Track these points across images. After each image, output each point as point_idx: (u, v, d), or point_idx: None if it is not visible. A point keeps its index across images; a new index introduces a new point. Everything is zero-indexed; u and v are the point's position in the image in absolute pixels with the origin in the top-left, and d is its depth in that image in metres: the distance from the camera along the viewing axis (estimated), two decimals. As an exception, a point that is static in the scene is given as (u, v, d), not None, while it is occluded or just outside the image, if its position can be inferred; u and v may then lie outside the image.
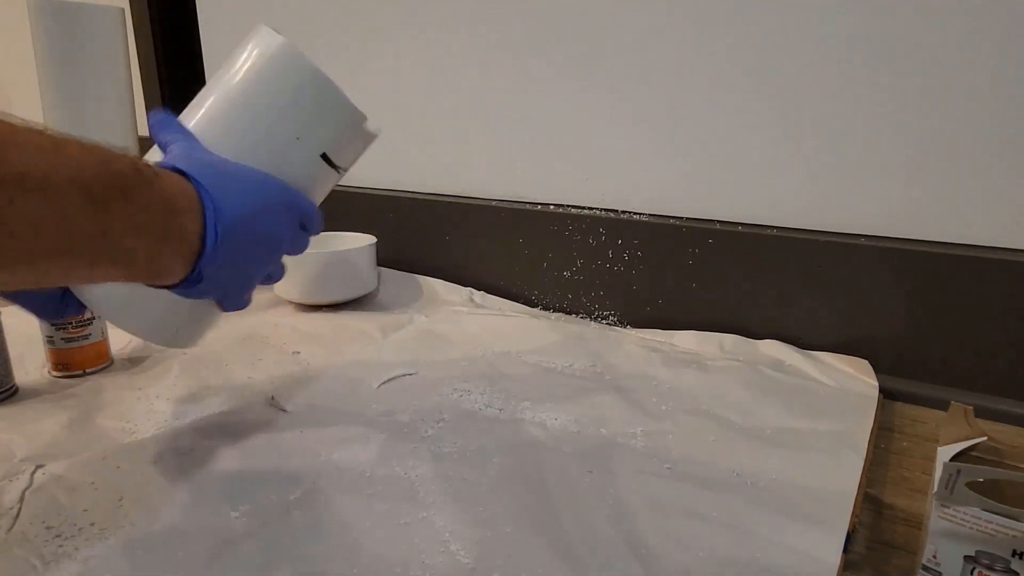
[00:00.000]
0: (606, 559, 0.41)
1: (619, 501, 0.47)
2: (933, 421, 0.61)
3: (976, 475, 0.37)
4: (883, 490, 0.51)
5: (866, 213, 0.68)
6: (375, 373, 0.67)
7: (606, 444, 0.54)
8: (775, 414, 0.59)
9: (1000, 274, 0.62)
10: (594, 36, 0.79)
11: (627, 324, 0.83)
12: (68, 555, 0.41)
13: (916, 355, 0.67)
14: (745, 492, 0.48)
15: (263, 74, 0.49)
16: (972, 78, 0.61)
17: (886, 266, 0.67)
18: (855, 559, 0.44)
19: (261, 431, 0.56)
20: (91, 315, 0.66)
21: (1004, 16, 0.59)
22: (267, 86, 0.49)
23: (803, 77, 0.68)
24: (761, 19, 0.69)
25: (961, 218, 0.64)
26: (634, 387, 0.65)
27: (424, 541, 0.43)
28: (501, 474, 0.50)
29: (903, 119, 0.65)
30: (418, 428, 0.57)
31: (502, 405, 0.61)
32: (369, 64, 0.97)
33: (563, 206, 0.86)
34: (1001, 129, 0.61)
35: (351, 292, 0.87)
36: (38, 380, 0.65)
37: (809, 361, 0.69)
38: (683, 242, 0.77)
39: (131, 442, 0.54)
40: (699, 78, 0.74)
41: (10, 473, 0.50)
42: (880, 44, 0.64)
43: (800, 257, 0.71)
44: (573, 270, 0.85)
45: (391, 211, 0.99)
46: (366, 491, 0.48)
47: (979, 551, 0.35)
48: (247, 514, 0.45)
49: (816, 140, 0.69)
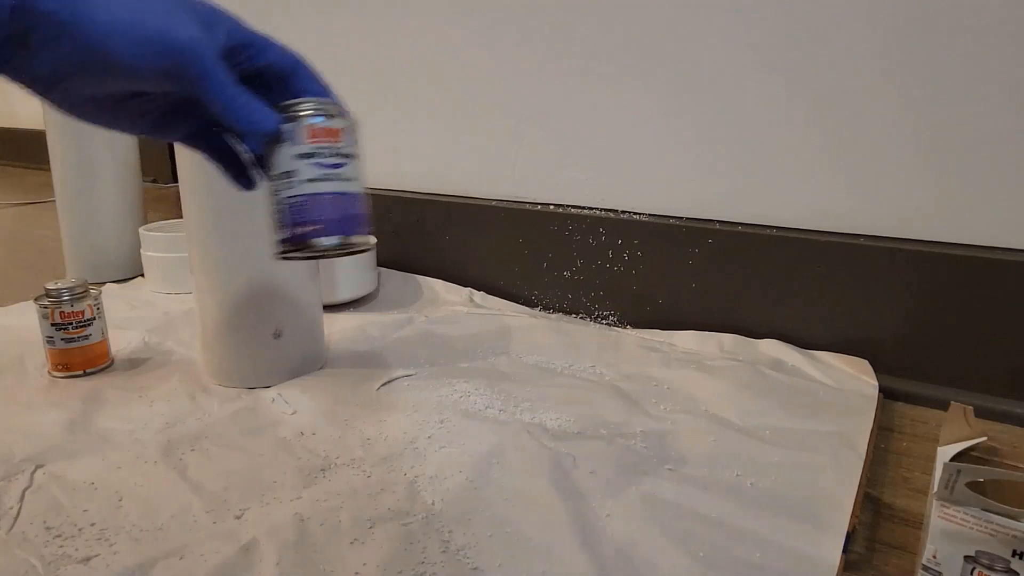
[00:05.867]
0: (606, 559, 0.41)
1: (619, 502, 0.47)
2: (933, 421, 0.61)
3: (976, 475, 0.37)
4: (883, 490, 0.51)
5: (866, 213, 0.68)
6: (375, 374, 0.67)
7: (606, 444, 0.54)
8: (775, 414, 0.59)
9: (1000, 274, 0.62)
10: (594, 36, 0.79)
11: (627, 324, 0.83)
12: (68, 555, 0.41)
13: (916, 355, 0.67)
14: (745, 492, 0.48)
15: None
16: (972, 78, 0.61)
17: (886, 266, 0.67)
18: (855, 559, 0.44)
19: (262, 432, 0.56)
20: (92, 315, 0.66)
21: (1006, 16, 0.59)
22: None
23: (803, 78, 0.68)
24: (762, 19, 0.69)
25: (961, 218, 0.64)
26: (634, 387, 0.65)
27: (425, 541, 0.43)
28: (501, 475, 0.50)
29: (903, 120, 0.65)
30: (418, 429, 0.57)
31: (502, 406, 0.61)
32: (368, 63, 0.97)
33: (563, 206, 0.86)
34: (1002, 129, 0.61)
35: (351, 292, 0.87)
36: (38, 380, 0.65)
37: (809, 361, 0.69)
38: (683, 242, 0.77)
39: (131, 442, 0.54)
40: (700, 78, 0.74)
41: (10, 473, 0.50)
42: (881, 44, 0.64)
43: (800, 257, 0.71)
44: (573, 270, 0.85)
45: (391, 211, 0.99)
46: (366, 491, 0.48)
47: (979, 551, 0.35)
48: (248, 515, 0.45)
49: (816, 141, 0.69)
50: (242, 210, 0.61)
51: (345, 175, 0.37)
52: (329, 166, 0.37)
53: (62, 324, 0.65)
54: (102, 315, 0.67)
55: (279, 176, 0.37)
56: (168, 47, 0.31)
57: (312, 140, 0.36)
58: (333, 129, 0.37)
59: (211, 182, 0.60)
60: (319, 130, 0.36)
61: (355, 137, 0.38)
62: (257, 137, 0.35)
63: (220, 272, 0.62)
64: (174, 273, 0.91)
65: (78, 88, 0.33)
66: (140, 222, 1.01)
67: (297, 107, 0.36)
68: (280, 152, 0.36)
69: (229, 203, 0.61)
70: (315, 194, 0.36)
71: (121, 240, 1.00)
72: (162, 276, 0.93)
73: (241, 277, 0.62)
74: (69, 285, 0.65)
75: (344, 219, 0.37)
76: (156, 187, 1.76)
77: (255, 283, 0.63)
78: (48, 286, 0.65)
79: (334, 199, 0.37)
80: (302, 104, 0.36)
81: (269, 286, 0.63)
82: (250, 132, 0.35)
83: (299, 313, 0.66)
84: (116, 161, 0.98)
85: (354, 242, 0.37)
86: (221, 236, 0.62)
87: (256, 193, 0.60)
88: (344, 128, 0.37)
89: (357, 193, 0.38)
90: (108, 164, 0.98)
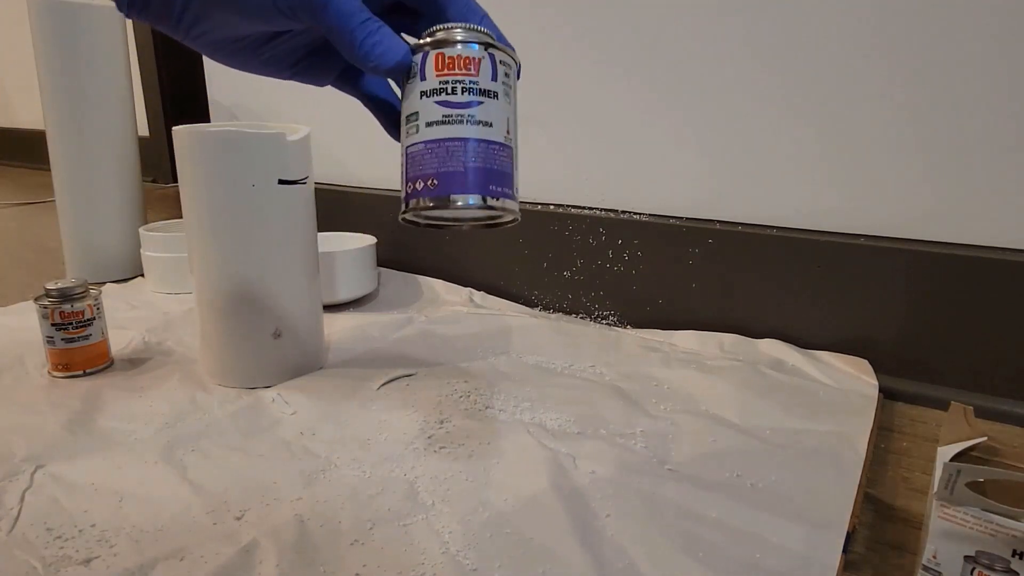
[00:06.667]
0: (606, 559, 0.41)
1: (619, 502, 0.47)
2: (933, 421, 0.61)
3: (976, 475, 0.37)
4: (883, 490, 0.51)
5: (866, 213, 0.68)
6: (375, 374, 0.67)
7: (606, 445, 0.54)
8: (775, 414, 0.59)
9: (1000, 274, 0.62)
10: (594, 36, 0.79)
11: (627, 324, 0.83)
12: (69, 557, 0.41)
13: (916, 355, 0.67)
14: (745, 492, 0.48)
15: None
16: (971, 78, 0.61)
17: (886, 266, 0.67)
18: (855, 559, 0.44)
19: (262, 432, 0.56)
20: (91, 315, 0.66)
21: (1005, 16, 0.59)
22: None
23: (804, 79, 0.68)
24: (765, 19, 0.69)
25: (961, 218, 0.64)
26: (634, 387, 0.65)
27: (425, 542, 0.43)
28: (501, 475, 0.50)
29: (903, 120, 0.65)
30: (418, 429, 0.57)
31: (502, 406, 0.61)
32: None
33: (563, 206, 0.86)
34: (1002, 129, 0.61)
35: (351, 292, 0.87)
36: (38, 380, 0.65)
37: (809, 361, 0.69)
38: (683, 242, 0.77)
39: (131, 442, 0.54)
40: (701, 78, 0.74)
41: (10, 473, 0.50)
42: (881, 44, 0.64)
43: (800, 257, 0.71)
44: (573, 270, 0.85)
45: (391, 211, 0.99)
46: (367, 492, 0.48)
47: (979, 551, 0.35)
48: (248, 516, 0.45)
49: (816, 141, 0.69)
50: (242, 210, 0.61)
51: (480, 117, 0.29)
52: (457, 105, 0.29)
53: (62, 324, 0.65)
54: (102, 315, 0.68)
55: (406, 120, 0.30)
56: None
57: (439, 73, 0.29)
58: (467, 58, 0.29)
59: (211, 182, 0.60)
60: (448, 60, 0.29)
61: (505, 71, 0.31)
62: (381, 73, 0.30)
63: (220, 272, 0.62)
64: (174, 273, 0.92)
65: (216, 31, 0.31)
66: (140, 222, 1.01)
67: (432, 34, 0.30)
68: (409, 89, 0.30)
69: (229, 203, 0.61)
70: (436, 140, 0.29)
71: (121, 240, 1.00)
72: (162, 276, 0.93)
73: (241, 277, 0.62)
74: (69, 285, 0.65)
75: (470, 173, 0.29)
76: (156, 187, 1.76)
77: (255, 283, 0.63)
78: (48, 286, 0.65)
79: (458, 146, 0.29)
80: (439, 31, 0.30)
81: (269, 286, 0.63)
82: (372, 66, 0.30)
83: (299, 313, 0.66)
84: (116, 161, 0.98)
85: (484, 205, 0.29)
86: (221, 236, 0.62)
87: (256, 192, 0.61)
88: (483, 59, 0.30)
89: (494, 142, 0.30)
90: (108, 164, 0.98)
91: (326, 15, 0.28)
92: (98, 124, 0.96)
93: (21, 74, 2.07)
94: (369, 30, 0.29)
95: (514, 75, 0.32)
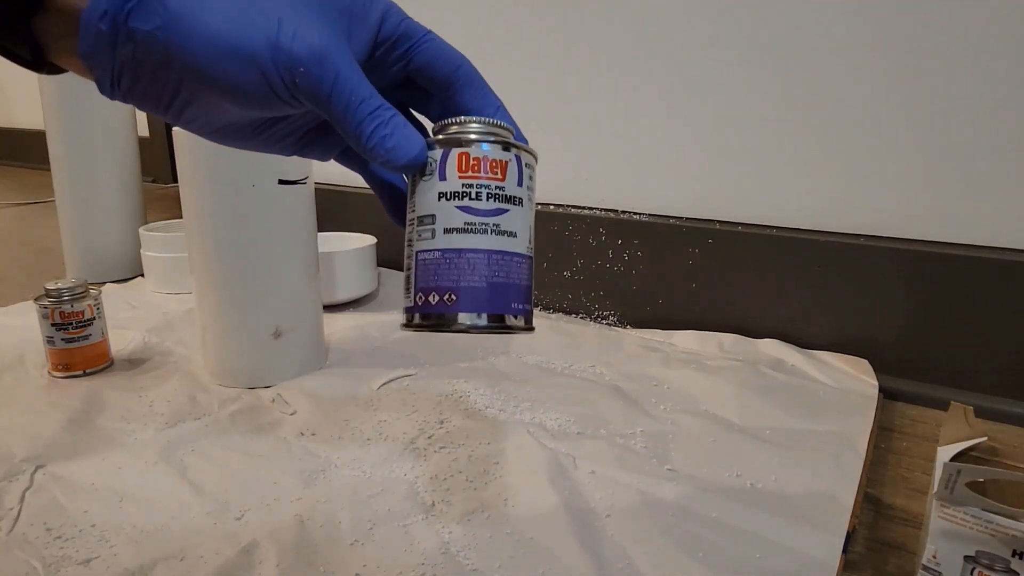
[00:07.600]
0: (606, 559, 0.41)
1: (620, 502, 0.47)
2: (933, 421, 0.61)
3: (976, 475, 0.37)
4: (883, 490, 0.51)
5: (866, 213, 0.68)
6: (375, 374, 0.67)
7: (606, 445, 0.54)
8: (775, 414, 0.59)
9: (1000, 274, 0.62)
10: (594, 35, 0.79)
11: (627, 324, 0.83)
12: (69, 557, 0.41)
13: (916, 355, 0.67)
14: (745, 492, 0.48)
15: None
16: (971, 79, 0.61)
17: (886, 266, 0.67)
18: (855, 559, 0.44)
19: (263, 432, 0.56)
20: (92, 315, 0.66)
21: (1005, 16, 0.59)
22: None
23: (804, 79, 0.68)
24: (767, 19, 0.69)
25: (961, 218, 0.64)
26: (634, 387, 0.65)
27: (425, 542, 0.43)
28: (501, 475, 0.50)
29: (903, 120, 0.64)
30: (418, 429, 0.57)
31: (502, 406, 0.61)
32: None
33: (563, 206, 0.86)
34: (1001, 129, 0.61)
35: (351, 292, 0.87)
36: (38, 380, 0.65)
37: (809, 361, 0.69)
38: (683, 242, 0.77)
39: (131, 442, 0.54)
40: (701, 79, 0.74)
41: (10, 474, 0.50)
42: (881, 45, 0.64)
43: (800, 257, 0.71)
44: (573, 270, 0.85)
45: (391, 211, 0.99)
46: (367, 492, 0.48)
47: (979, 551, 0.35)
48: (248, 516, 0.45)
49: (816, 141, 0.69)
50: (242, 210, 0.61)
51: (505, 227, 0.27)
52: (483, 212, 0.27)
53: (62, 324, 0.65)
54: (102, 315, 0.67)
55: (418, 220, 0.27)
56: (277, 62, 0.24)
57: (462, 175, 0.27)
58: (493, 161, 0.27)
59: (211, 182, 0.60)
60: (472, 162, 0.27)
61: (529, 175, 0.29)
62: (391, 169, 0.27)
63: (220, 272, 0.62)
64: (174, 273, 0.91)
65: (210, 116, 0.28)
66: (140, 222, 1.01)
67: (450, 128, 0.28)
68: (423, 188, 0.27)
69: (229, 203, 0.61)
70: (456, 250, 0.27)
71: (121, 240, 1.00)
72: (162, 276, 0.93)
73: (241, 277, 0.62)
74: (69, 285, 0.65)
75: (491, 289, 0.27)
76: (156, 187, 1.76)
77: (255, 283, 0.63)
78: (48, 286, 0.65)
79: (481, 259, 0.27)
80: (457, 124, 0.27)
81: (269, 286, 0.63)
82: (381, 161, 0.26)
83: (299, 313, 0.66)
84: (116, 161, 0.98)
85: (503, 324, 0.27)
86: (221, 236, 0.62)
87: (256, 192, 0.61)
88: (510, 162, 0.27)
89: (518, 254, 0.28)
90: (108, 164, 0.98)
91: (331, 104, 0.25)
92: (98, 124, 0.96)
93: (21, 74, 2.07)
94: (379, 120, 0.26)
95: (536, 177, 0.29)
